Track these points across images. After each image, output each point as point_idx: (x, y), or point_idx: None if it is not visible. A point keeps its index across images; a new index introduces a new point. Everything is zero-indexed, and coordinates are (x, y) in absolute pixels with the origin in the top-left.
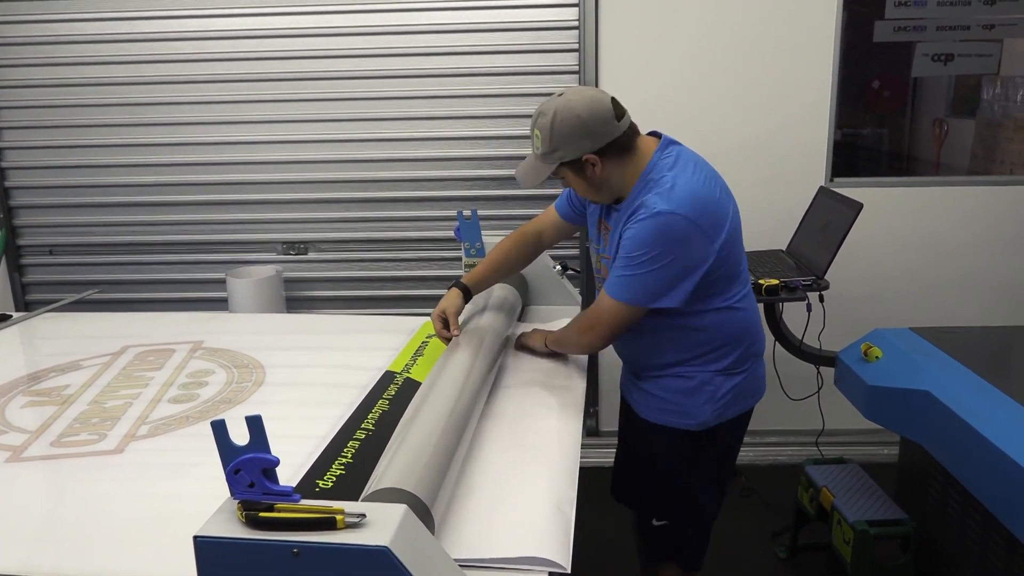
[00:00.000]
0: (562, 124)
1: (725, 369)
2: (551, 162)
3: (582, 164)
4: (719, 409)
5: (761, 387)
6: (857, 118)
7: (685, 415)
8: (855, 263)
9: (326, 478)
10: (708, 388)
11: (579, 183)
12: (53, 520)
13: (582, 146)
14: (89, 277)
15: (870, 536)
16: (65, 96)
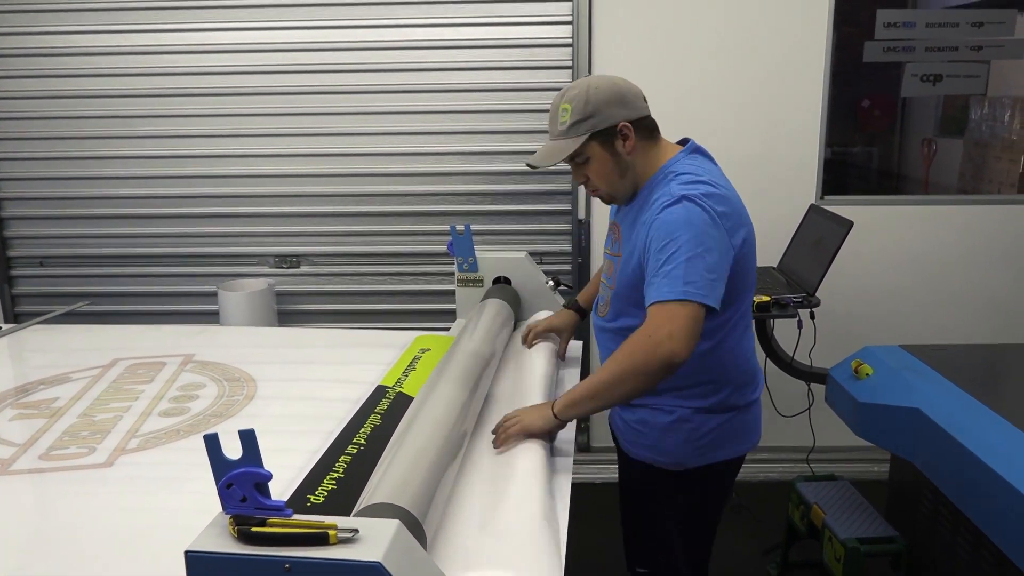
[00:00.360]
0: (598, 91)
1: (707, 408)
2: (581, 133)
3: (614, 135)
4: (700, 450)
5: (753, 432)
6: (847, 137)
7: (662, 452)
8: (846, 280)
9: (318, 493)
10: (687, 426)
11: (605, 162)
12: (41, 534)
13: (619, 114)
14: (80, 289)
15: (861, 553)
16: (56, 108)
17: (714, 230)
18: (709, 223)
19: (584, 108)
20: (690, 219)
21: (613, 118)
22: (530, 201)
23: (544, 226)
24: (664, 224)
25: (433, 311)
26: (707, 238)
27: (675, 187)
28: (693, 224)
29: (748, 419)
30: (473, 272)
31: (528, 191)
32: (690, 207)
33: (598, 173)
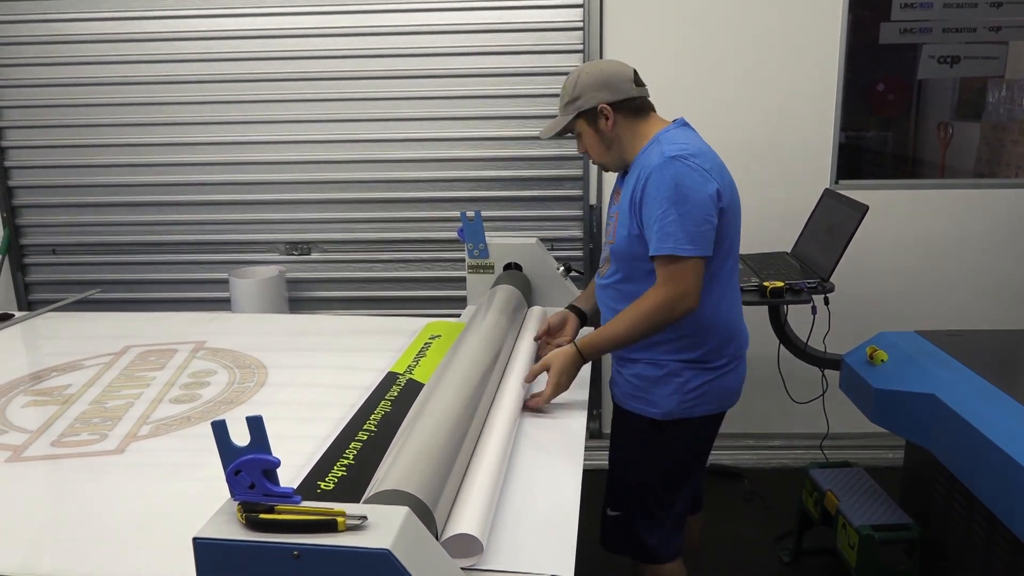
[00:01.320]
0: (586, 75)
1: (695, 361)
2: (569, 112)
3: (596, 115)
4: (688, 403)
5: (735, 394)
6: (862, 120)
7: (651, 403)
8: (861, 265)
9: (328, 479)
10: (677, 379)
11: (592, 138)
12: (53, 520)
13: (599, 96)
14: (92, 277)
15: (875, 541)
16: (68, 96)
17: (702, 184)
18: (697, 178)
19: (573, 90)
20: (679, 177)
21: (594, 100)
22: (541, 187)
23: (555, 212)
24: (655, 184)
25: (444, 298)
26: (695, 192)
27: (665, 149)
28: (682, 182)
29: (732, 379)
30: (484, 258)
31: (539, 177)
32: (678, 166)
33: (589, 146)
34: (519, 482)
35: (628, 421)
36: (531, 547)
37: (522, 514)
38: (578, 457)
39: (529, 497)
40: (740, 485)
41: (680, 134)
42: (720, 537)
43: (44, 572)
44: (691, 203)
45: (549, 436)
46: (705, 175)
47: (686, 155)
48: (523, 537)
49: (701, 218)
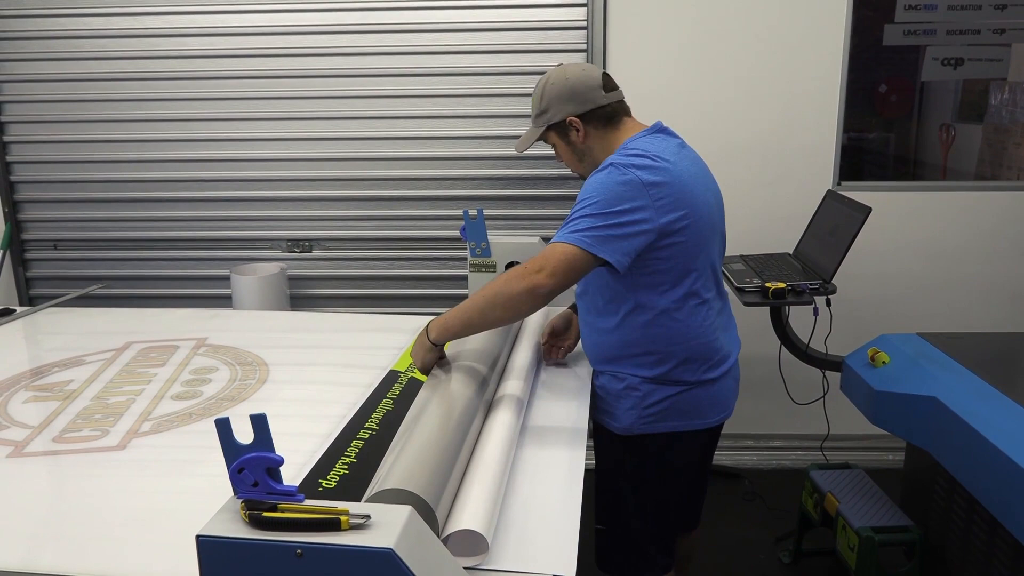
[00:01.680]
0: (552, 87)
1: (655, 378)
2: (540, 125)
3: (566, 128)
4: (647, 418)
5: (712, 410)
6: (864, 122)
7: (612, 416)
8: (863, 267)
9: (329, 477)
10: (635, 394)
11: (564, 149)
12: (54, 516)
13: (566, 109)
14: (93, 272)
15: (875, 542)
16: (70, 91)
17: (633, 196)
18: (627, 188)
19: (540, 103)
20: (608, 183)
21: (561, 113)
22: (543, 186)
23: (558, 211)
24: (585, 187)
25: (446, 296)
26: (620, 200)
27: (611, 158)
28: (607, 187)
29: (704, 396)
30: (486, 257)
31: (541, 176)
32: (612, 172)
33: (562, 156)
34: (522, 481)
35: (599, 433)
36: (533, 546)
37: (524, 513)
38: (580, 456)
39: (532, 497)
40: (740, 486)
41: (645, 142)
42: (720, 538)
43: (45, 568)
44: (609, 207)
45: (555, 435)
46: (640, 188)
47: (627, 164)
48: (525, 536)
49: (614, 223)
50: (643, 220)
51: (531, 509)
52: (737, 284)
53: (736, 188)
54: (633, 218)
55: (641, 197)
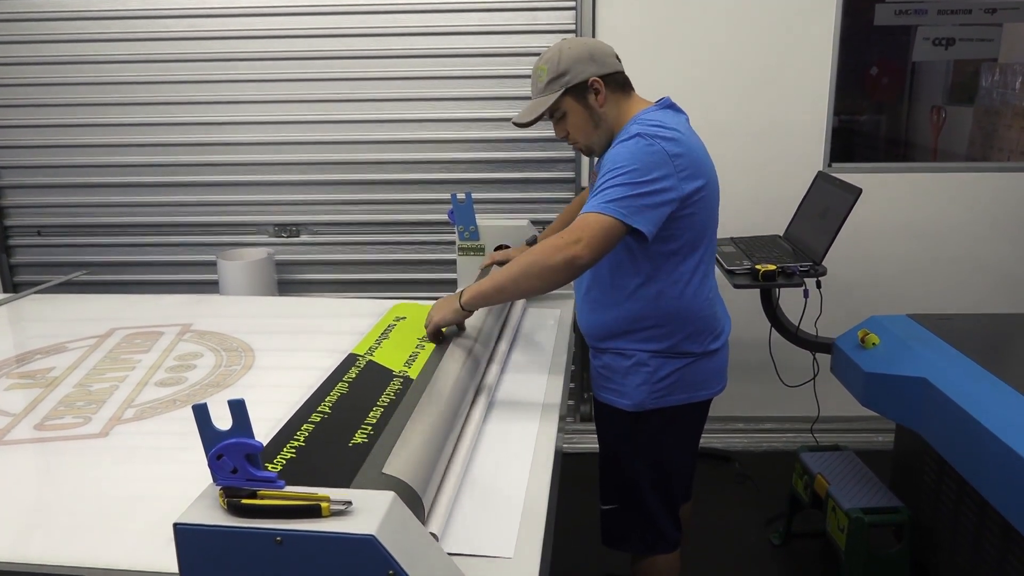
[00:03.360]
0: (570, 50)
1: (663, 351)
2: (556, 89)
3: (586, 90)
4: (658, 392)
5: (715, 381)
6: (855, 104)
7: (622, 394)
8: (853, 249)
9: (276, 461)
10: (644, 369)
11: (581, 115)
12: (37, 504)
13: (588, 70)
14: (78, 258)
15: (865, 523)
16: (53, 75)
17: (660, 165)
18: (656, 158)
19: (557, 67)
20: (637, 152)
21: (584, 73)
22: (532, 169)
23: (546, 194)
24: (615, 155)
25: (434, 280)
26: (649, 170)
27: (634, 128)
28: (637, 156)
29: (708, 366)
30: (474, 240)
31: (530, 159)
32: (640, 142)
33: (575, 126)
34: (499, 467)
35: (605, 412)
36: (501, 534)
37: (497, 500)
38: (551, 440)
39: (507, 484)
40: (731, 468)
41: (660, 115)
42: (710, 520)
43: (33, 558)
44: (639, 177)
45: (535, 423)
46: (666, 158)
47: (654, 135)
48: (495, 524)
49: (645, 192)
50: (670, 188)
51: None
52: (727, 266)
53: (727, 169)
54: (662, 186)
55: (667, 166)
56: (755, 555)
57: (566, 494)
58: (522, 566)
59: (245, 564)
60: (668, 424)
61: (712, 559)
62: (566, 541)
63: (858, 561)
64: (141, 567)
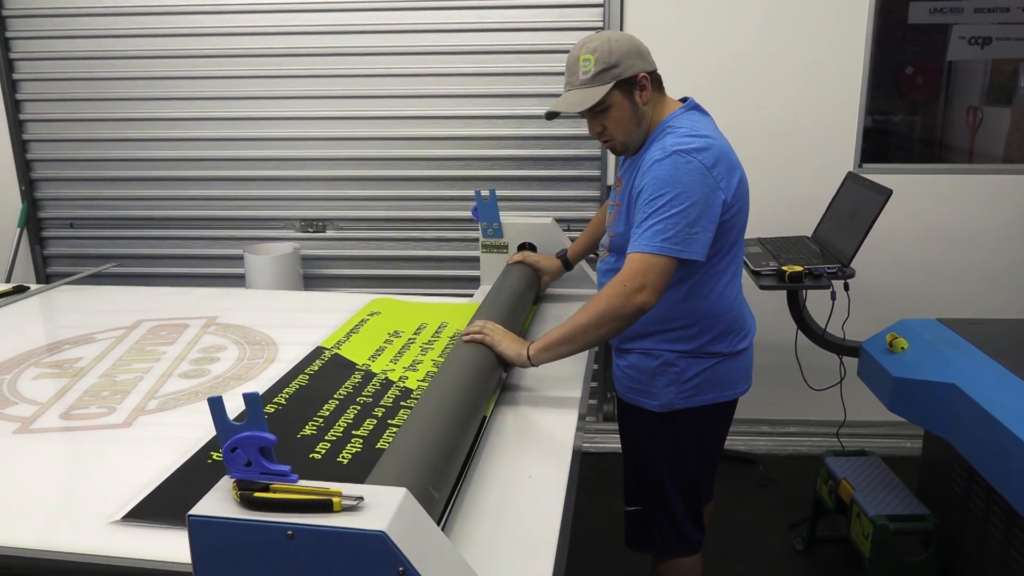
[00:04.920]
0: (619, 43)
1: (691, 352)
2: (606, 81)
3: (635, 85)
4: (686, 392)
5: (742, 380)
6: (889, 104)
7: (650, 395)
8: (883, 251)
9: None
10: (672, 369)
11: (626, 111)
12: (58, 493)
13: (637, 65)
14: (108, 251)
15: (890, 531)
16: (86, 69)
17: (702, 183)
18: (697, 177)
19: (608, 58)
20: (678, 174)
21: (634, 68)
22: (558, 167)
23: (572, 192)
24: (655, 178)
25: (458, 277)
26: (693, 192)
27: (669, 141)
28: (680, 180)
29: (735, 366)
30: (498, 238)
31: (556, 156)
32: (679, 161)
33: (617, 121)
34: (496, 461)
35: (631, 414)
36: (492, 528)
37: (484, 495)
38: (570, 440)
39: (499, 478)
40: (754, 471)
41: (688, 119)
42: (733, 523)
43: (47, 545)
44: (687, 202)
45: (560, 423)
46: (706, 174)
47: (691, 150)
48: (483, 518)
49: (694, 219)
50: (713, 205)
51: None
52: (753, 267)
53: (755, 169)
54: (706, 205)
55: (708, 182)
56: (777, 559)
57: (589, 494)
58: (535, 566)
59: (257, 557)
60: (695, 424)
61: (734, 563)
62: (588, 542)
63: (882, 569)
64: (160, 557)
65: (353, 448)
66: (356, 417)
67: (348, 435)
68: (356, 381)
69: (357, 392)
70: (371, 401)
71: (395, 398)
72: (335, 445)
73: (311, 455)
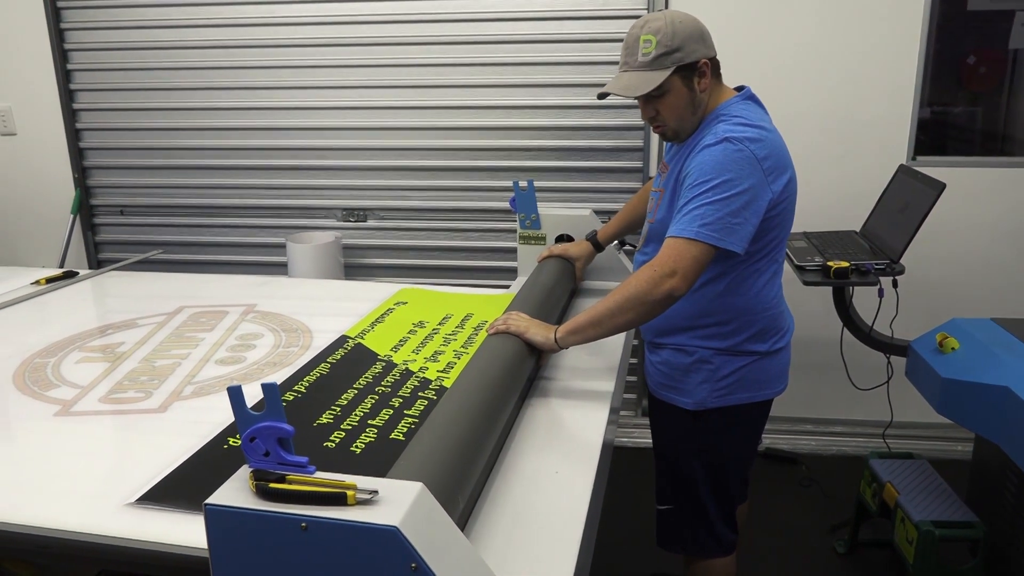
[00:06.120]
0: (683, 25)
1: (727, 349)
2: (667, 65)
3: (695, 71)
4: (720, 391)
5: (778, 380)
6: (949, 95)
7: (683, 392)
8: (935, 247)
9: (238, 437)
10: (707, 367)
11: (682, 97)
12: (85, 476)
13: (700, 50)
14: (156, 238)
15: (935, 537)
16: (137, 59)
17: (750, 173)
18: (746, 166)
19: (671, 41)
20: (726, 161)
21: (696, 53)
22: (599, 158)
23: (613, 184)
24: (701, 163)
25: (495, 268)
26: (740, 181)
27: (722, 128)
28: (728, 167)
29: (772, 365)
30: (535, 229)
31: (597, 147)
32: (729, 148)
33: (672, 107)
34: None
35: (663, 410)
36: (514, 524)
37: (507, 490)
38: (592, 463)
39: (525, 472)
40: (797, 471)
41: (743, 109)
42: (773, 524)
43: (70, 525)
44: (732, 190)
45: (591, 420)
46: (755, 164)
47: (743, 138)
48: (505, 514)
49: (737, 208)
50: (760, 197)
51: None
52: (797, 262)
53: (803, 161)
54: (752, 196)
55: (756, 172)
56: (818, 563)
57: (623, 490)
58: (557, 565)
59: (271, 548)
60: (728, 424)
61: (772, 564)
62: (620, 539)
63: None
64: (172, 540)
65: (367, 438)
66: (373, 407)
67: (364, 424)
68: (376, 371)
69: (376, 382)
70: (389, 391)
71: (413, 388)
72: (350, 434)
73: (325, 444)
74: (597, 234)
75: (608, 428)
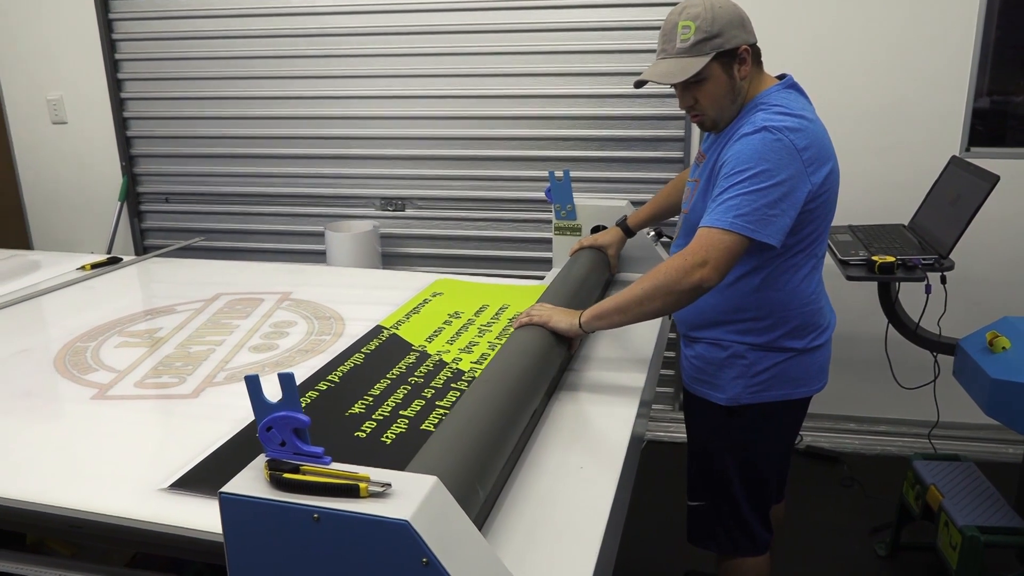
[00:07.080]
0: (722, 10)
1: (762, 345)
2: (706, 52)
3: (735, 57)
4: (754, 387)
5: (816, 378)
6: (1013, 84)
7: (716, 387)
8: (987, 242)
9: None
10: (741, 362)
11: (721, 85)
12: (117, 459)
13: (740, 36)
14: (199, 225)
15: (980, 543)
16: (182, 49)
17: (789, 163)
18: (785, 156)
19: (711, 27)
20: (764, 151)
21: (736, 40)
22: (638, 148)
23: (652, 174)
24: (738, 152)
25: (530, 259)
26: (778, 171)
27: (761, 117)
28: (766, 156)
29: (809, 363)
30: (571, 220)
31: (636, 137)
32: (767, 138)
33: (711, 96)
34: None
35: (696, 405)
36: (536, 519)
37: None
38: (618, 458)
39: (549, 466)
40: (838, 470)
41: (784, 97)
42: (813, 523)
43: (102, 508)
44: (770, 181)
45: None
46: (795, 155)
47: (782, 127)
48: (527, 509)
49: (774, 200)
50: (797, 189)
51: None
52: (841, 256)
53: (849, 152)
54: (790, 188)
55: (795, 163)
56: (858, 565)
57: (656, 485)
58: (577, 563)
59: (284, 538)
60: (763, 421)
61: (810, 565)
62: (651, 534)
63: None
64: (201, 527)
65: (398, 428)
66: (405, 397)
67: (395, 415)
68: (410, 361)
69: (409, 372)
70: (422, 382)
71: (446, 380)
72: (381, 424)
73: (356, 433)
74: (627, 219)
75: (637, 423)
